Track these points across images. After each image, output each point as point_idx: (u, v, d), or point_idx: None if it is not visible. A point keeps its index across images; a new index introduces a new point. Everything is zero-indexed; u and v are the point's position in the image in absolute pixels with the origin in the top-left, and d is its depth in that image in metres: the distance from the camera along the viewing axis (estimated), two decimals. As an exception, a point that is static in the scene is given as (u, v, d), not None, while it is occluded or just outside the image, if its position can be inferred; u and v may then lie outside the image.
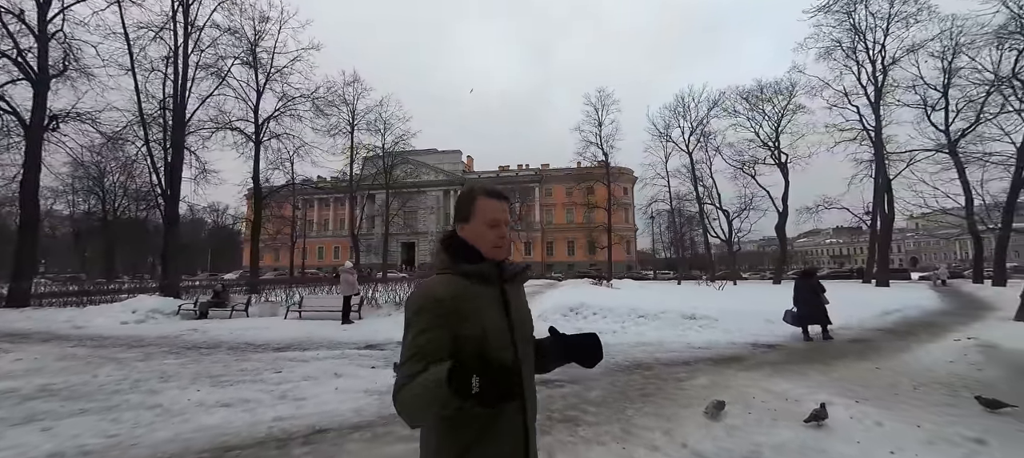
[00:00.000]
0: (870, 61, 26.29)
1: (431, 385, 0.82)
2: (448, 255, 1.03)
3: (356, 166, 31.33)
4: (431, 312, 0.92)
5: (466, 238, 1.05)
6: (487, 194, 1.06)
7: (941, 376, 5.00)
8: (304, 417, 3.83)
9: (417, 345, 0.90)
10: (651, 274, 46.90)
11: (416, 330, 0.91)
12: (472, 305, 0.96)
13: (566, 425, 3.61)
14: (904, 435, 3.15)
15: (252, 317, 11.05)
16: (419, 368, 0.87)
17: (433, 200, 60.11)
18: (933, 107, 26.03)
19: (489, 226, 1.03)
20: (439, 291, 0.94)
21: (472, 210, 1.05)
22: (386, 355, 6.48)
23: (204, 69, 17.83)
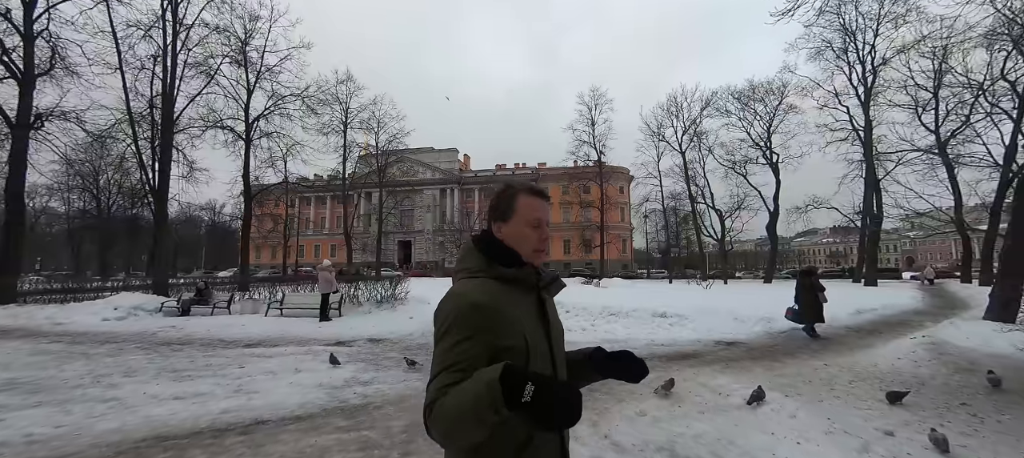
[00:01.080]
0: (860, 62, 26.42)
1: (477, 393, 0.72)
2: (484, 256, 0.94)
3: (350, 164, 31.44)
4: (469, 320, 0.82)
5: (504, 239, 0.96)
6: (529, 192, 0.98)
7: (881, 372, 5.14)
8: (251, 409, 3.96)
9: (453, 356, 0.79)
10: (645, 273, 47.01)
11: (452, 340, 0.81)
12: (512, 313, 0.87)
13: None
14: (813, 427, 3.28)
15: (234, 314, 11.17)
16: (455, 379, 0.77)
17: (429, 198, 60.23)
18: (924, 108, 26.13)
19: (532, 227, 0.96)
20: (477, 297, 0.85)
21: (512, 208, 0.96)
22: (352, 351, 6.62)
23: (193, 67, 17.92)
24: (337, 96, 28.74)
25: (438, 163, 61.27)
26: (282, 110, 20.95)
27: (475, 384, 0.74)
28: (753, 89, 30.62)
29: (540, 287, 0.96)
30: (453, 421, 0.74)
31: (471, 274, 0.93)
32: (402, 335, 8.01)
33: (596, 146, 34.91)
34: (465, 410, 0.73)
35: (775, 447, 3.02)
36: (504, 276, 0.91)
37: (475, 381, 0.75)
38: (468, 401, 0.73)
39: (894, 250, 72.70)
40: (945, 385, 4.53)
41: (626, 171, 49.17)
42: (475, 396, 0.72)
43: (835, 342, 7.48)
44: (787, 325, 8.61)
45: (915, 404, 3.94)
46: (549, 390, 0.71)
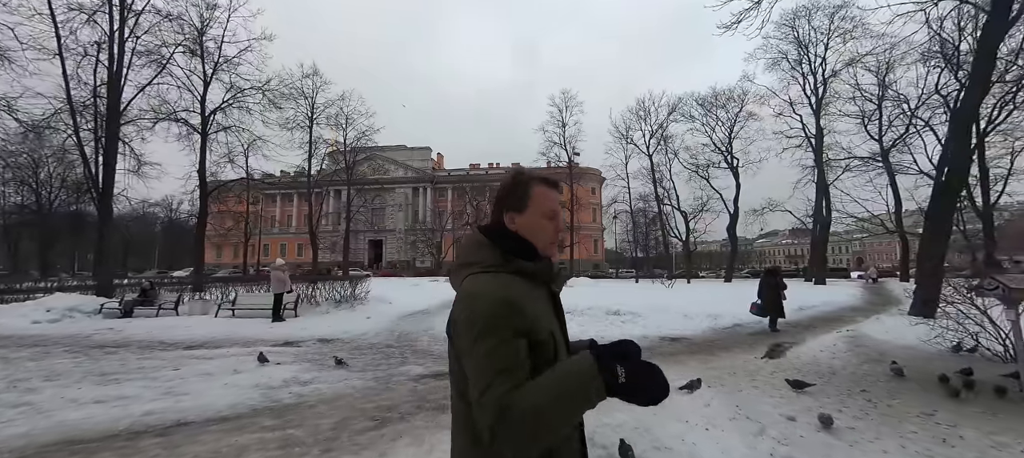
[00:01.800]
0: (812, 73, 27.97)
1: (574, 381, 0.71)
2: (499, 250, 0.89)
3: (317, 161, 30.57)
4: (508, 319, 0.77)
5: (518, 230, 0.92)
6: (544, 181, 0.95)
7: (802, 363, 5.52)
8: (177, 411, 3.85)
9: (505, 359, 0.75)
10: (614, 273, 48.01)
11: (495, 341, 0.76)
12: (535, 308, 0.84)
13: (433, 413, 3.81)
14: (722, 414, 3.52)
15: (181, 316, 10.71)
16: (512, 384, 0.72)
17: (401, 197, 59.33)
18: (869, 118, 27.94)
19: (548, 218, 0.93)
20: (507, 294, 0.81)
21: (528, 198, 0.92)
22: (298, 352, 6.50)
23: (143, 56, 16.98)
24: (302, 91, 27.95)
25: (411, 161, 60.46)
26: (241, 103, 20.17)
27: (571, 371, 0.73)
28: (716, 96, 31.93)
29: (552, 280, 0.93)
30: (542, 421, 0.70)
31: (486, 269, 0.87)
32: (356, 335, 7.92)
33: (566, 148, 35.41)
34: (559, 405, 0.70)
35: (685, 434, 3.22)
36: (525, 270, 0.87)
37: (569, 368, 0.74)
38: (561, 395, 0.71)
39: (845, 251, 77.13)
40: (853, 374, 4.92)
41: (598, 172, 50.06)
42: (569, 389, 0.71)
43: (772, 336, 7.93)
44: (731, 321, 9.10)
45: (821, 392, 4.27)
46: (637, 370, 0.73)
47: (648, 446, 2.97)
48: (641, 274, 35.83)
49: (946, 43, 23.42)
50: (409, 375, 5.10)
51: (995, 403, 3.76)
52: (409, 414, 3.76)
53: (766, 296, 8.69)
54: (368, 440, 3.19)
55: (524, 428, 0.69)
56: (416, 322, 9.51)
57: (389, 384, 4.73)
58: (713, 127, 32.30)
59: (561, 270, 0.96)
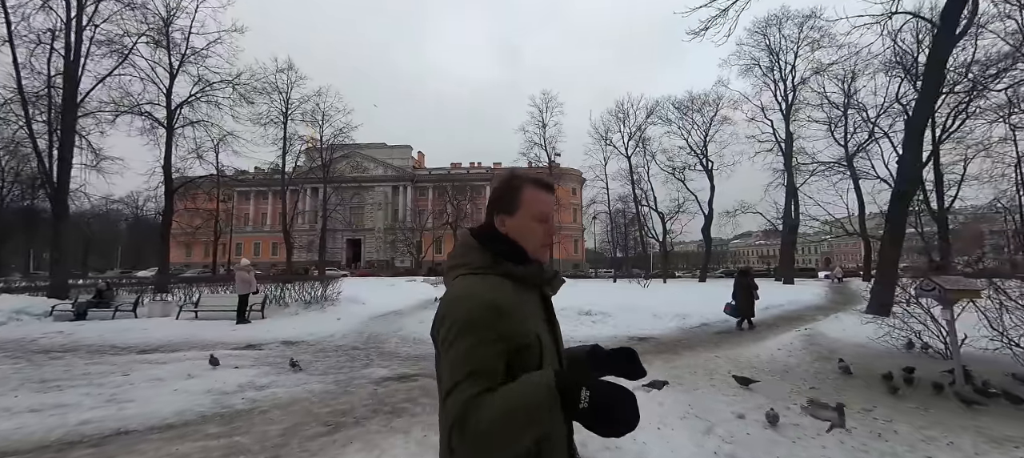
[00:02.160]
0: (783, 79, 28.96)
1: (534, 396, 0.68)
2: (489, 252, 0.87)
3: (292, 158, 29.81)
4: (486, 322, 0.75)
5: (508, 233, 0.90)
6: (536, 184, 0.93)
7: (761, 361, 5.70)
8: (118, 419, 3.68)
9: (475, 363, 0.73)
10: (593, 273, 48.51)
11: (468, 344, 0.74)
12: (523, 313, 0.82)
13: (389, 417, 3.75)
14: (673, 412, 3.59)
15: (140, 318, 10.26)
16: (483, 387, 0.71)
17: (380, 196, 58.44)
18: (835, 124, 29.10)
19: (539, 221, 0.91)
20: (491, 297, 0.78)
21: (518, 201, 0.90)
22: (259, 355, 6.32)
23: (103, 45, 16.17)
24: (276, 85, 27.24)
25: (391, 159, 59.65)
26: (210, 97, 19.46)
27: (525, 391, 0.70)
28: (692, 100, 32.68)
29: (543, 284, 0.91)
30: (498, 432, 0.68)
31: (474, 271, 0.85)
32: (323, 337, 7.75)
33: (546, 148, 35.61)
34: (515, 419, 0.68)
35: (636, 434, 3.26)
36: (513, 273, 0.85)
37: (524, 388, 0.70)
38: (519, 409, 0.68)
39: (815, 251, 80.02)
40: (805, 372, 5.11)
41: (578, 173, 50.51)
42: (528, 404, 0.68)
43: (736, 335, 8.17)
44: (699, 321, 9.33)
45: (773, 389, 4.41)
46: (605, 395, 0.68)
47: (599, 445, 3.00)
48: (620, 274, 36.33)
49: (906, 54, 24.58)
50: (371, 378, 5.02)
51: (930, 399, 3.97)
52: (365, 418, 3.70)
53: (740, 296, 9.00)
54: (318, 446, 3.12)
55: (480, 439, 0.68)
56: (387, 323, 9.38)
57: (349, 388, 4.64)
58: (689, 130, 33.09)
59: (555, 274, 0.94)
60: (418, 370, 5.40)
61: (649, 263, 40.33)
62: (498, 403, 0.69)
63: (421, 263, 44.50)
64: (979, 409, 3.67)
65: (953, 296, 4.22)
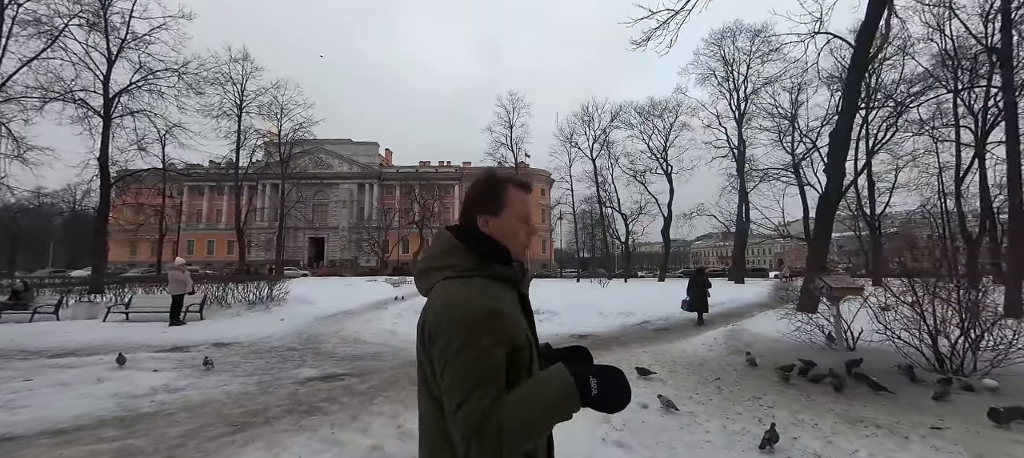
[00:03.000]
0: (736, 89, 30.48)
1: (554, 394, 0.74)
2: (474, 254, 0.86)
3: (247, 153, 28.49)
4: (489, 329, 0.76)
5: (492, 234, 0.89)
6: (518, 185, 0.93)
7: (687, 356, 6.05)
8: (5, 426, 3.48)
9: (482, 371, 0.74)
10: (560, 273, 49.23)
11: (475, 353, 0.75)
12: (512, 313, 0.83)
13: (302, 416, 3.75)
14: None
15: (63, 320, 9.58)
16: (490, 399, 0.72)
17: (345, 193, 56.91)
18: (784, 133, 30.91)
19: (522, 221, 0.92)
20: (486, 302, 0.79)
21: (503, 202, 0.90)
22: (184, 357, 6.08)
23: (28, 25, 14.99)
24: (230, 76, 26.01)
25: (356, 156, 58.14)
26: (152, 86, 18.37)
27: (544, 390, 0.75)
28: (653, 106, 33.82)
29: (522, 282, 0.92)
30: (520, 434, 0.71)
31: (460, 274, 0.84)
32: (259, 338, 7.54)
33: (513, 149, 35.84)
34: (536, 418, 0.72)
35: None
36: (499, 275, 0.86)
37: (544, 386, 0.76)
38: (538, 408, 0.73)
39: (768, 252, 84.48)
40: (718, 364, 5.48)
41: (547, 174, 51.14)
42: (548, 402, 0.73)
43: (672, 332, 8.60)
44: (641, 318, 9.74)
45: (682, 381, 4.72)
46: (607, 381, 0.76)
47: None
48: (584, 274, 37.07)
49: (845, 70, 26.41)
50: (297, 378, 4.96)
51: (812, 387, 4.37)
52: (276, 418, 3.68)
53: (694, 294, 9.58)
54: (216, 446, 3.08)
55: (501, 441, 0.70)
56: (332, 324, 9.22)
57: (270, 388, 4.58)
58: (650, 135, 34.21)
59: (527, 271, 0.96)
60: (349, 370, 5.39)
61: (614, 263, 41.40)
62: (519, 404, 0.72)
63: (387, 263, 43.69)
64: (851, 395, 4.08)
65: (838, 294, 4.66)
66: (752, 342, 6.63)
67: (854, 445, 2.98)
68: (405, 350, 6.68)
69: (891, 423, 3.32)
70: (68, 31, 16.24)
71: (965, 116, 19.68)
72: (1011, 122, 11.01)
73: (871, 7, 8.37)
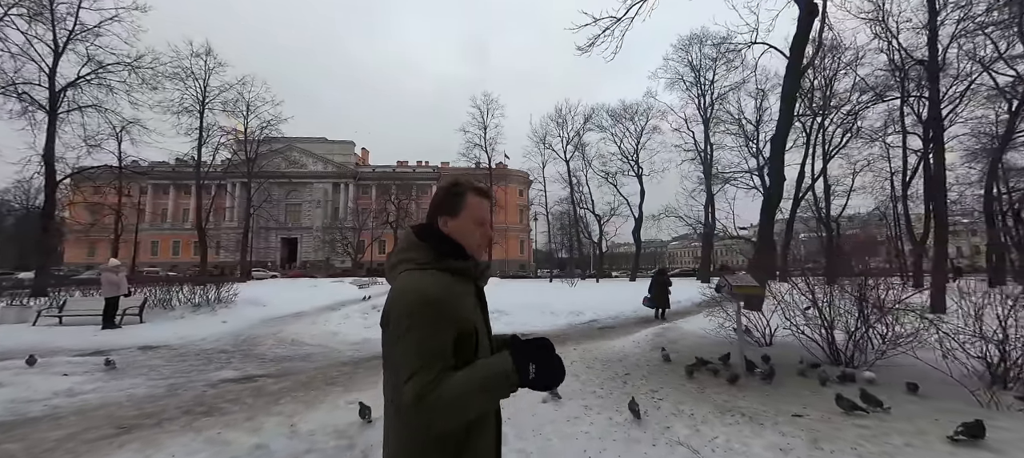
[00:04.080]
0: (702, 95, 31.35)
1: (494, 374, 0.86)
2: (432, 249, 0.99)
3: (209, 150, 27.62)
4: (436, 312, 0.88)
5: (449, 233, 1.01)
6: (477, 191, 1.04)
7: (613, 353, 6.23)
8: None
9: (429, 350, 0.86)
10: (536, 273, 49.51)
11: (421, 334, 0.86)
12: (462, 303, 0.95)
13: (197, 417, 3.73)
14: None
15: (-11, 324, 9.14)
16: (434, 374, 0.83)
17: (320, 193, 55.80)
18: (750, 138, 31.96)
19: (477, 224, 1.03)
20: (436, 291, 0.91)
21: (461, 205, 1.02)
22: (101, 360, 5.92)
23: (-39, 15, 14.23)
24: (191, 71, 25.22)
25: (331, 155, 57.07)
26: (102, 80, 17.66)
27: (484, 370, 0.86)
28: (625, 109, 34.45)
29: (477, 277, 1.04)
30: (458, 407, 0.83)
31: (419, 266, 0.96)
32: (192, 341, 7.39)
33: (487, 149, 35.92)
34: (473, 393, 0.84)
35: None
36: (454, 268, 0.97)
37: (483, 368, 0.87)
38: (477, 385, 0.84)
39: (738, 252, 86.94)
40: (636, 360, 5.68)
41: (526, 175, 51.39)
42: (486, 380, 0.85)
43: (615, 330, 8.83)
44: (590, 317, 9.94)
45: (594, 375, 4.88)
46: (544, 365, 0.88)
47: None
48: (558, 274, 37.42)
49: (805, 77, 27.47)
50: (211, 381, 4.91)
51: (710, 380, 4.59)
52: (170, 420, 3.65)
53: (655, 292, 10.14)
54: (89, 449, 3.05)
55: (437, 410, 0.82)
56: (276, 326, 9.10)
57: (178, 390, 4.52)
58: (622, 138, 34.83)
59: (486, 267, 1.08)
60: (270, 371, 5.36)
61: (590, 263, 41.91)
62: (460, 380, 0.84)
63: (361, 264, 43.05)
64: (745, 387, 4.32)
65: (738, 292, 4.91)
66: (678, 339, 6.89)
67: (716, 432, 3.18)
68: (340, 351, 6.67)
69: (759, 412, 3.55)
70: (9, 21, 15.51)
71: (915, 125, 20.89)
72: (937, 132, 11.75)
73: (802, 19, 8.82)
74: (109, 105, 18.39)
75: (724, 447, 2.95)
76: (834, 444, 2.85)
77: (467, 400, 0.85)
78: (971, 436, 2.74)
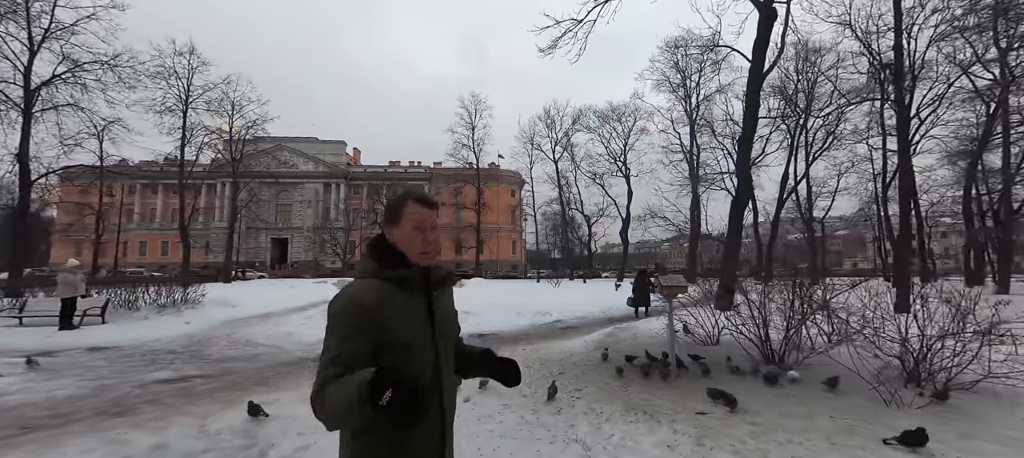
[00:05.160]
0: (688, 97, 31.50)
1: (350, 391, 0.83)
2: (374, 260, 1.02)
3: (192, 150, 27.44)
4: (354, 318, 0.91)
5: (394, 242, 1.04)
6: (417, 201, 1.06)
7: (556, 352, 6.27)
8: None
9: (338, 351, 0.90)
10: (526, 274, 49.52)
11: (338, 336, 0.91)
12: (396, 313, 0.96)
13: (106, 418, 3.72)
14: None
15: (-54, 325, 9.04)
16: (337, 372, 0.88)
17: (311, 193, 55.60)
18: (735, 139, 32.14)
19: (416, 229, 1.02)
20: (363, 298, 0.93)
21: (401, 214, 1.04)
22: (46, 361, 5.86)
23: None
24: (174, 70, 25.07)
25: (322, 155, 56.88)
26: (77, 79, 17.51)
27: (350, 383, 0.85)
28: (612, 110, 34.57)
29: (430, 286, 1.05)
30: (331, 412, 0.86)
31: (362, 275, 1.00)
32: (145, 342, 7.34)
33: (474, 149, 35.94)
34: (341, 403, 0.84)
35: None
36: (391, 277, 0.99)
37: (351, 381, 0.85)
38: (342, 397, 0.84)
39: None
40: (578, 359, 5.71)
41: (518, 175, 51.43)
42: (348, 394, 0.83)
43: (576, 329, 8.87)
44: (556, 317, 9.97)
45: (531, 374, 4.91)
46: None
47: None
48: (546, 275, 37.47)
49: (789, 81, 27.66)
50: (143, 381, 4.89)
51: (636, 378, 4.63)
52: (78, 421, 3.64)
53: (639, 291, 10.32)
54: (-21, 449, 3.04)
55: (322, 413, 0.87)
56: (236, 326, 9.07)
57: (104, 391, 4.50)
58: (609, 139, 34.94)
59: (448, 274, 1.11)
60: (208, 372, 5.34)
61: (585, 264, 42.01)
62: (336, 390, 0.86)
63: (351, 264, 42.96)
64: (673, 385, 4.36)
65: (668, 291, 4.96)
66: (629, 339, 6.92)
67: (615, 430, 3.20)
68: (290, 352, 6.67)
69: (666, 409, 3.58)
70: (-21, 18, 15.36)
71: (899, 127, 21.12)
72: (902, 134, 11.87)
73: (761, 23, 8.90)
74: (85, 104, 18.23)
75: (617, 444, 2.98)
76: (718, 440, 2.88)
77: (334, 409, 0.86)
78: (908, 445, 2.60)
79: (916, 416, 3.21)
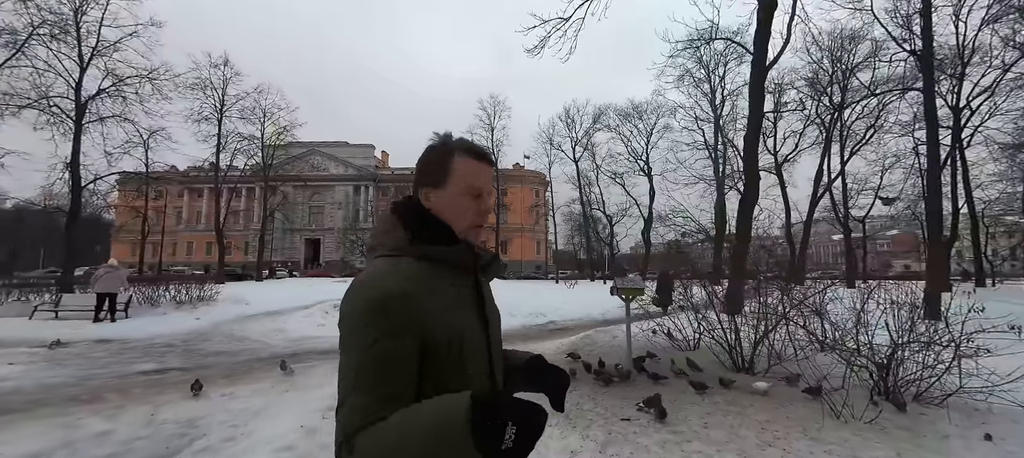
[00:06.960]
0: (713, 91, 30.32)
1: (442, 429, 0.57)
2: (407, 230, 0.75)
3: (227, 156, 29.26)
4: (385, 313, 0.64)
5: (434, 209, 0.78)
6: (468, 152, 0.78)
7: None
8: None
9: (368, 367, 0.62)
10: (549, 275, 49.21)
11: (364, 342, 0.63)
12: (441, 302, 0.70)
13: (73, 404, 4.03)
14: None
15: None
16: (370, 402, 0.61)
17: (341, 195, 57.81)
18: (766, 134, 30.63)
19: (471, 196, 0.77)
20: (392, 284, 0.67)
21: (447, 172, 0.77)
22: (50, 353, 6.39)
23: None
24: (210, 81, 26.81)
25: (352, 158, 59.01)
26: (122, 93, 19.08)
27: (433, 422, 0.58)
28: (634, 107, 33.80)
29: (477, 268, 0.79)
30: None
31: (390, 252, 0.74)
32: (151, 336, 7.87)
33: (494, 151, 36.07)
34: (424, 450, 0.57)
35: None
36: (432, 255, 0.73)
37: (431, 418, 0.58)
38: (419, 444, 0.57)
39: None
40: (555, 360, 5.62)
41: (542, 176, 51.24)
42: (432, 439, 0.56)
43: (565, 331, 8.75)
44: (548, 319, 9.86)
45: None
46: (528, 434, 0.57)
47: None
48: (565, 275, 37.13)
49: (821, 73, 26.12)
50: (127, 372, 5.26)
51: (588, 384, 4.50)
52: (51, 405, 3.98)
53: (661, 292, 10.21)
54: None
55: None
56: (240, 323, 9.55)
57: (88, 380, 4.87)
58: (630, 137, 34.18)
59: (494, 258, 0.83)
60: (191, 365, 5.67)
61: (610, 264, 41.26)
62: (393, 434, 0.58)
63: (376, 263, 44.21)
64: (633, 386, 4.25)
65: (626, 293, 4.81)
66: (606, 342, 6.75)
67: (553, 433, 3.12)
68: (273, 347, 6.98)
69: (590, 414, 3.47)
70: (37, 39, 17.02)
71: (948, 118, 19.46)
72: (931, 126, 10.93)
73: (761, 11, 8.44)
74: (129, 115, 19.83)
75: (525, 450, 2.92)
76: (621, 449, 2.77)
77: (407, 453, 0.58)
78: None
79: (853, 428, 2.97)
